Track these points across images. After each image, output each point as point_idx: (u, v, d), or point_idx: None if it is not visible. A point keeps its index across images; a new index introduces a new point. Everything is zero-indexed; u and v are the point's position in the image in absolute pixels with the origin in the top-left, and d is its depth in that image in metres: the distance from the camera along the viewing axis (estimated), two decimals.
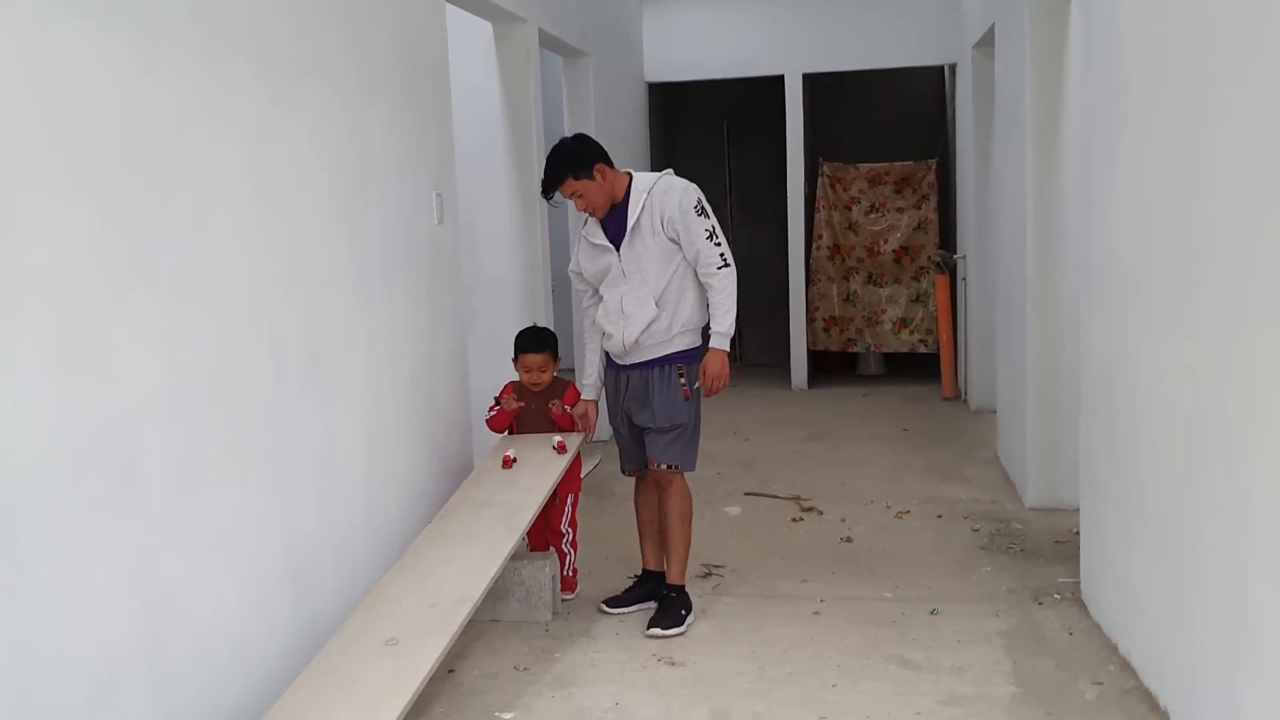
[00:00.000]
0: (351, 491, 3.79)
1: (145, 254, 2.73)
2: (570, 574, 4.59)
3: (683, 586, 4.33)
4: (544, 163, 4.26)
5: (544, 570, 4.31)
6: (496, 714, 3.55)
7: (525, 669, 3.88)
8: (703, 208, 4.16)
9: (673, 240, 4.14)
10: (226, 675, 3.03)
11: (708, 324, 4.22)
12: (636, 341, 4.18)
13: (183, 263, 2.87)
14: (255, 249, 3.22)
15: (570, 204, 4.37)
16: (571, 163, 4.15)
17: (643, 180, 4.22)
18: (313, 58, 3.59)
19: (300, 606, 3.42)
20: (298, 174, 3.48)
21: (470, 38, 6.02)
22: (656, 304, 4.15)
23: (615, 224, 4.21)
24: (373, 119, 4.02)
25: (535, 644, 4.10)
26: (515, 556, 4.25)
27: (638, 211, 4.14)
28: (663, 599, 4.30)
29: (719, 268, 4.13)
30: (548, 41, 6.58)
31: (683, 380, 4.21)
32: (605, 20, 7.78)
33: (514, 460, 4.37)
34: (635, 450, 4.37)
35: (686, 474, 4.32)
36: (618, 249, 4.19)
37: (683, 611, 4.23)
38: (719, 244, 4.14)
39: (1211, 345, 2.95)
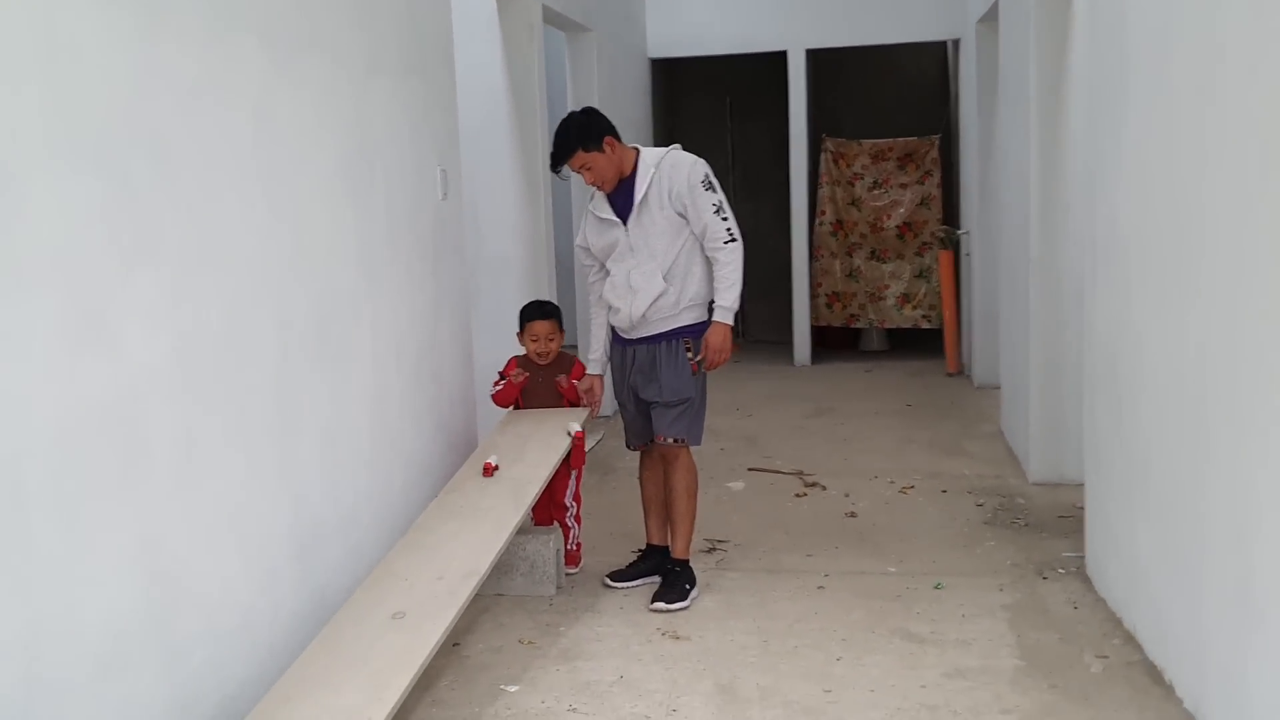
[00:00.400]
0: (357, 467, 3.80)
1: (151, 229, 2.72)
2: (574, 548, 4.60)
3: (687, 561, 4.34)
4: (548, 139, 4.25)
5: (548, 545, 4.32)
6: (502, 687, 3.56)
7: (530, 643, 3.90)
8: (710, 182, 4.15)
9: (680, 214, 4.14)
10: (233, 649, 3.04)
11: (714, 299, 4.22)
12: (644, 316, 4.18)
13: (188, 238, 2.87)
14: (260, 224, 3.22)
15: (575, 181, 4.36)
16: (581, 135, 4.14)
17: (650, 155, 4.21)
18: (318, 32, 3.58)
19: (306, 581, 3.43)
20: (303, 149, 3.47)
21: (474, 13, 5.99)
22: (664, 278, 4.14)
23: (623, 198, 4.20)
24: (377, 94, 4.01)
25: (540, 618, 4.11)
26: (520, 531, 4.26)
27: (645, 185, 4.13)
28: (667, 573, 4.31)
29: (725, 242, 4.13)
30: (551, 17, 6.55)
31: (690, 355, 4.21)
32: None
33: (495, 468, 4.17)
34: (641, 425, 4.38)
35: (692, 448, 4.33)
36: (625, 223, 4.18)
37: (687, 586, 4.24)
38: (726, 219, 4.13)
39: (1216, 320, 2.94)
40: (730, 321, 4.19)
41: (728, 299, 4.16)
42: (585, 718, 3.35)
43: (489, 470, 4.10)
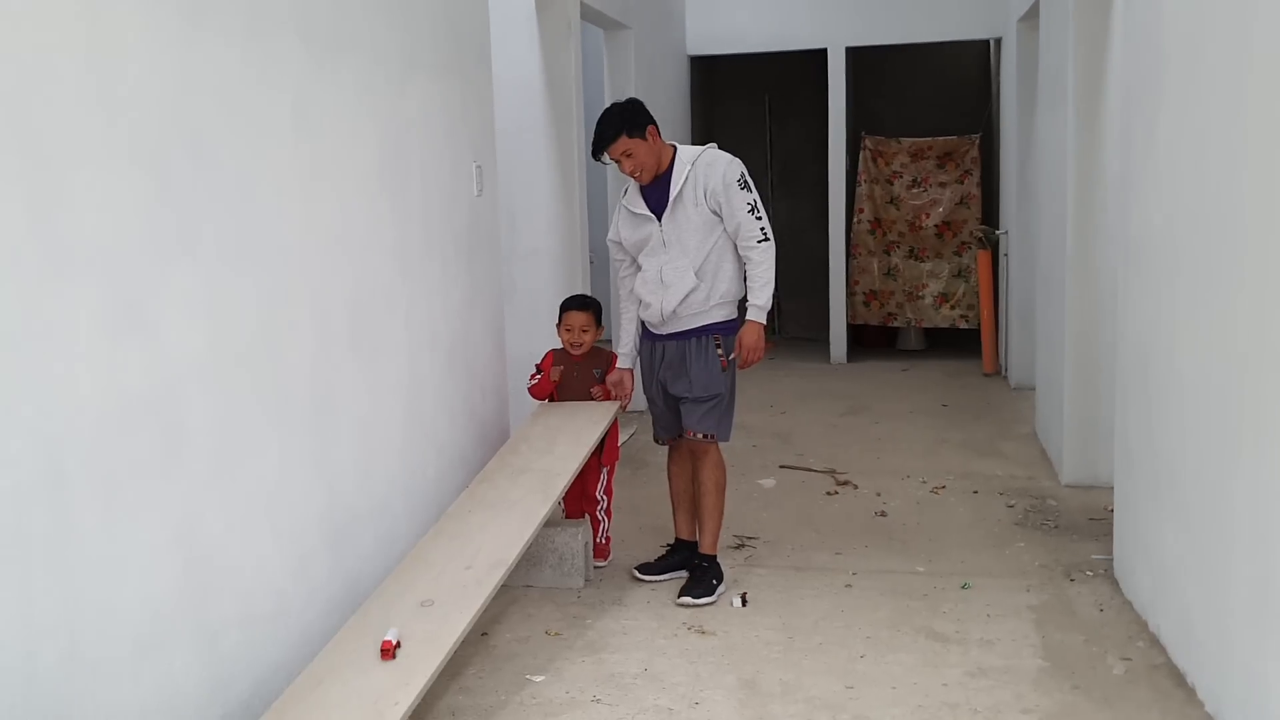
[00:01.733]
0: (390, 456, 3.86)
1: (191, 222, 2.79)
2: (604, 541, 4.65)
3: (715, 556, 4.37)
4: (584, 136, 4.30)
5: (577, 538, 4.38)
6: (528, 677, 3.62)
7: (557, 634, 3.95)
8: (746, 181, 4.18)
9: (714, 212, 4.17)
10: (267, 632, 3.12)
11: (744, 298, 4.25)
12: (674, 311, 4.21)
13: (227, 229, 2.94)
14: (298, 217, 3.29)
15: (609, 176, 4.40)
16: (626, 120, 4.19)
17: (687, 152, 4.25)
18: (356, 30, 3.64)
19: (338, 567, 3.50)
20: (341, 143, 3.54)
21: (512, 10, 6.05)
22: (695, 275, 4.18)
23: (657, 194, 4.24)
24: (414, 91, 4.07)
25: (567, 610, 4.17)
26: (549, 523, 4.32)
27: (681, 182, 4.17)
28: (694, 568, 4.35)
29: (759, 241, 4.16)
30: (589, 14, 6.59)
31: (720, 351, 4.24)
32: None
33: (396, 647, 3.14)
34: (669, 419, 4.42)
35: (722, 444, 4.36)
36: (659, 219, 4.22)
37: (714, 581, 4.28)
38: (760, 218, 4.16)
39: (1245, 322, 2.94)
40: (763, 321, 4.22)
41: (761, 298, 4.19)
42: (609, 709, 3.40)
43: (388, 651, 3.12)
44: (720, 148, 4.31)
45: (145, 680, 2.63)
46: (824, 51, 8.98)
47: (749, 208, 4.16)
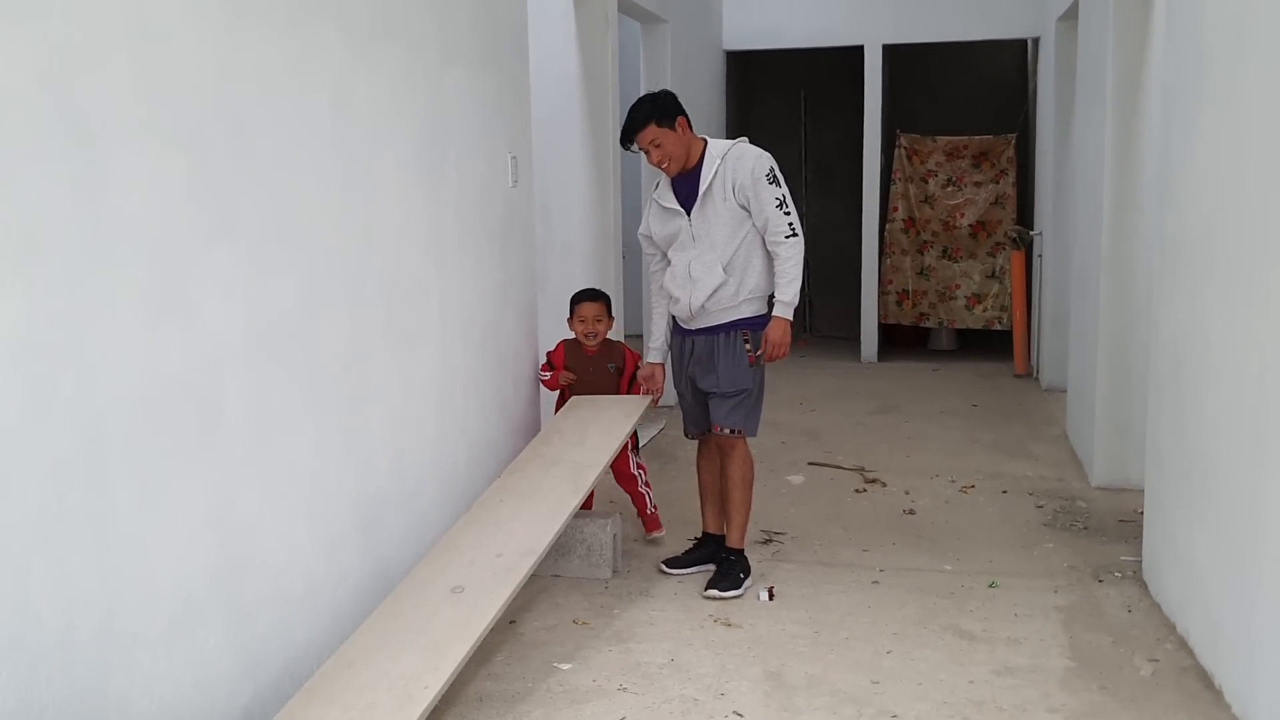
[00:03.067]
0: (421, 444, 3.90)
1: (231, 206, 2.83)
2: (652, 511, 4.76)
3: (742, 550, 4.39)
4: (620, 129, 4.30)
5: (606, 530, 4.40)
6: (555, 664, 3.64)
7: (585, 623, 3.98)
8: (775, 176, 4.18)
9: (743, 207, 4.17)
10: (298, 614, 3.16)
11: (773, 293, 4.25)
12: (703, 306, 4.22)
13: (266, 215, 2.98)
14: (335, 205, 3.32)
15: (643, 171, 4.41)
16: (656, 110, 4.20)
17: (717, 146, 4.25)
18: (395, 21, 3.67)
19: (369, 552, 3.54)
20: (378, 133, 3.58)
21: (550, 2, 6.07)
22: (724, 270, 4.19)
23: (687, 188, 4.25)
24: (452, 81, 4.10)
25: (595, 600, 4.19)
26: (579, 514, 4.36)
27: (710, 176, 4.17)
28: (721, 561, 4.36)
29: (787, 236, 4.16)
30: (626, 7, 6.61)
31: (748, 346, 4.25)
32: None
33: None
34: (699, 413, 4.43)
35: (749, 439, 4.37)
36: (689, 213, 4.23)
37: (741, 575, 4.29)
38: (789, 213, 4.16)
39: (1278, 326, 2.92)
40: (790, 316, 4.22)
41: (788, 294, 4.19)
42: (635, 697, 3.42)
43: None
44: (753, 143, 4.31)
45: (179, 657, 2.68)
46: (860, 48, 8.96)
47: (778, 203, 4.15)
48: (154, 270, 2.57)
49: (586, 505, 4.68)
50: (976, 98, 10.19)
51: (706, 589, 4.24)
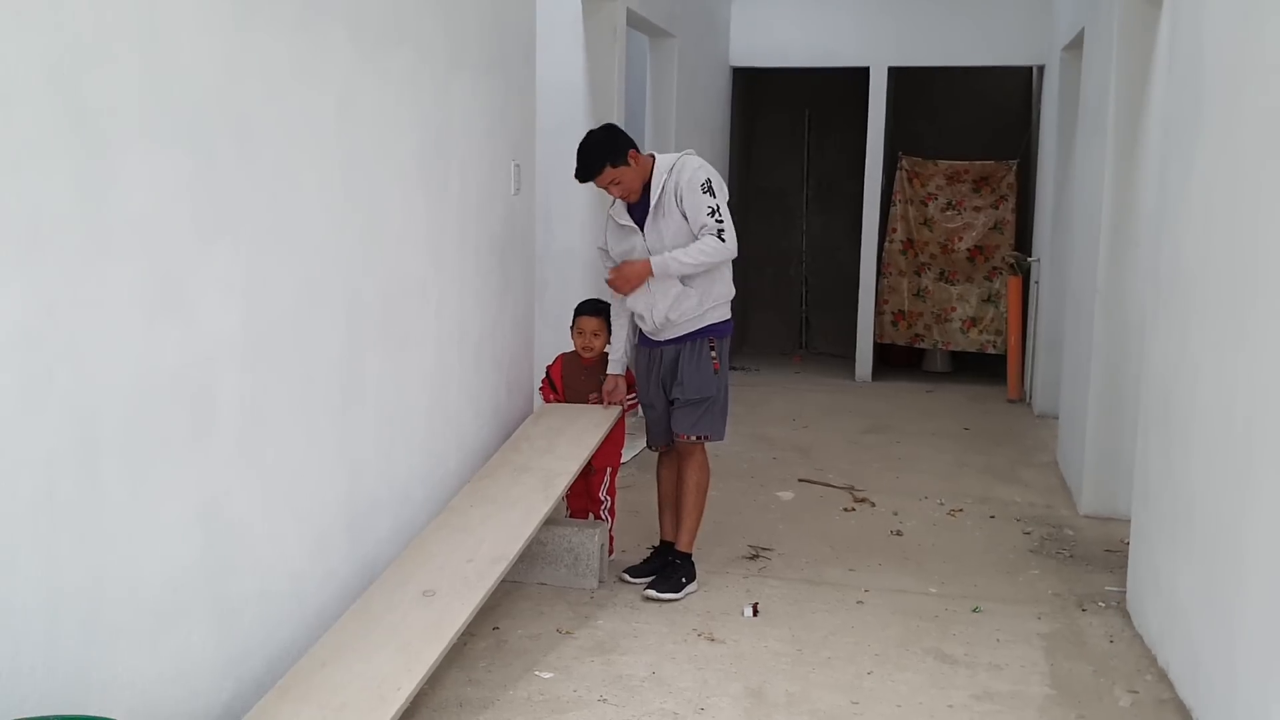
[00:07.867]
0: (412, 446, 3.91)
1: (232, 205, 2.85)
2: (610, 535, 4.74)
3: (690, 555, 4.44)
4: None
5: (593, 539, 4.41)
6: (537, 673, 3.65)
7: (568, 633, 3.99)
8: (710, 187, 4.18)
9: (685, 214, 4.20)
10: (283, 611, 3.17)
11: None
12: (667, 319, 4.27)
13: (267, 215, 3.00)
14: (337, 206, 3.34)
15: None
16: (609, 152, 4.20)
17: (664, 161, 4.29)
18: (404, 25, 3.70)
19: (355, 552, 3.55)
20: (383, 137, 3.60)
21: (559, 13, 6.10)
22: (682, 280, 4.22)
23: (640, 204, 4.29)
24: (458, 87, 4.12)
25: (580, 609, 4.20)
26: (564, 523, 4.38)
27: (658, 191, 4.21)
28: (667, 564, 4.40)
29: (716, 234, 4.15)
30: (635, 21, 6.64)
31: (713, 354, 4.31)
32: (693, 3, 7.82)
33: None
34: (664, 426, 4.49)
35: (715, 443, 4.43)
36: (641, 228, 4.26)
37: (683, 579, 4.35)
38: (720, 221, 4.16)
39: (1266, 361, 2.94)
40: (658, 272, 4.19)
41: (674, 263, 4.16)
42: (614, 709, 3.43)
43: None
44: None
45: (163, 651, 2.69)
46: (866, 70, 9.00)
47: (710, 210, 4.15)
48: (153, 266, 2.58)
49: (583, 513, 4.69)
50: (979, 123, 10.23)
51: (645, 589, 4.30)
